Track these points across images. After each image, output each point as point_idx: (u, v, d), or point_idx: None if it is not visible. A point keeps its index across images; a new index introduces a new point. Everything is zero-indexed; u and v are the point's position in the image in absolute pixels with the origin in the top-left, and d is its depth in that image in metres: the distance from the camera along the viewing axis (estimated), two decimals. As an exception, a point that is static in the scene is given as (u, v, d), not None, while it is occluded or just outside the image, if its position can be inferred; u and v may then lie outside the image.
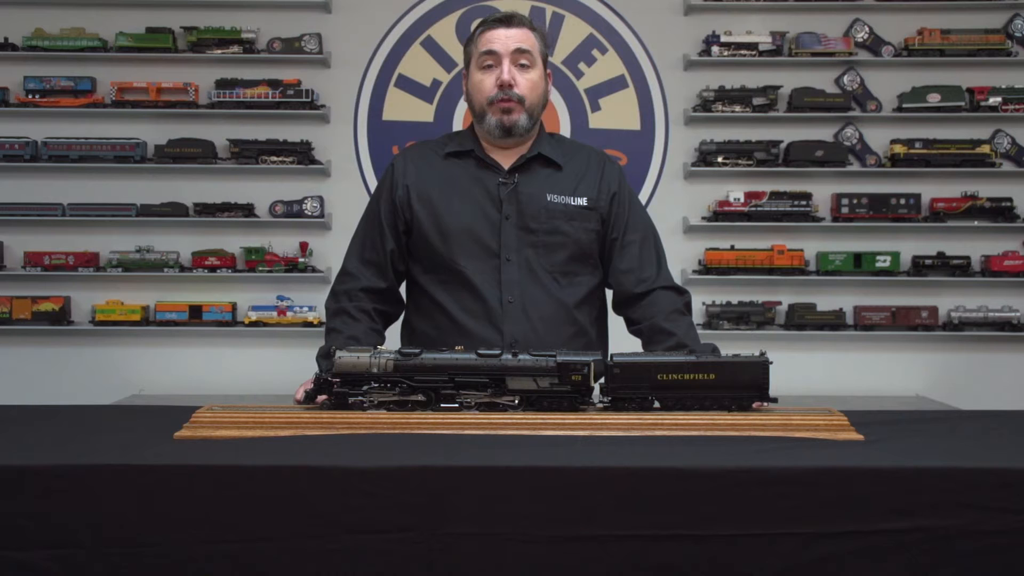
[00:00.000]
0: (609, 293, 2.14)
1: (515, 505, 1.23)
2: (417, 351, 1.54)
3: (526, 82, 1.98)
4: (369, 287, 2.04)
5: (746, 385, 1.55)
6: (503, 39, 1.97)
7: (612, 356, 1.55)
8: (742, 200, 4.29)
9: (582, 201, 2.02)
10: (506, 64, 1.96)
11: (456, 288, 1.99)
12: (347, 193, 4.37)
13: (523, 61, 1.98)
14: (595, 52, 4.41)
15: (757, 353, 1.58)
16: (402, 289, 2.14)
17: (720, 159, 4.30)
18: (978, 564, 1.23)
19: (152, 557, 1.23)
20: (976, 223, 4.31)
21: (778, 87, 4.33)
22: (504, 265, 1.96)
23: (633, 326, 2.06)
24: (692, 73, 4.40)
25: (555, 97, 4.37)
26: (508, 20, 2.00)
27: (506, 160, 2.04)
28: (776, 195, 4.28)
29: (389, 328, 2.11)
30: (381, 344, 2.00)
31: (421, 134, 4.36)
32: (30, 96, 4.28)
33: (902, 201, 4.30)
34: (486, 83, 1.98)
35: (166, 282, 4.32)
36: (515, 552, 1.23)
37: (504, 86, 1.96)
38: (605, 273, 2.10)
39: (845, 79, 4.35)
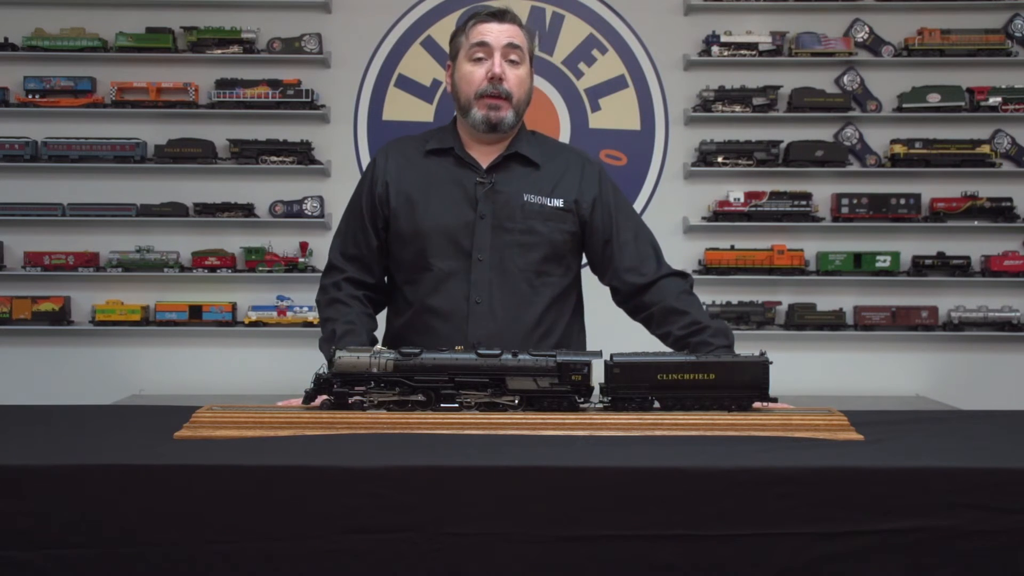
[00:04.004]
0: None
1: (515, 505, 1.23)
2: (417, 351, 1.54)
3: (515, 78, 1.99)
4: (354, 278, 2.06)
5: (746, 385, 1.55)
6: (496, 33, 1.98)
7: (612, 356, 1.55)
8: (742, 200, 4.29)
9: (558, 203, 2.01)
10: (497, 57, 1.97)
11: (425, 287, 1.99)
12: (347, 193, 4.27)
13: (513, 57, 1.99)
14: (595, 52, 4.41)
15: (757, 353, 1.58)
16: None
17: (720, 159, 4.31)
18: (978, 564, 1.23)
19: (152, 557, 1.22)
20: (976, 223, 4.31)
21: (778, 87, 4.33)
22: (475, 265, 1.96)
23: (641, 313, 2.05)
24: (692, 73, 4.40)
25: (555, 97, 4.38)
26: (501, 15, 2.01)
27: (485, 157, 2.04)
28: (776, 195, 4.28)
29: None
30: (375, 327, 2.03)
31: (421, 134, 4.36)
32: (30, 96, 4.28)
33: (902, 201, 4.30)
34: (476, 74, 1.98)
35: (166, 282, 4.32)
36: (515, 552, 1.23)
37: (495, 79, 1.96)
38: (601, 273, 2.10)
39: (845, 79, 4.35)
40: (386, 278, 2.13)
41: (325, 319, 2.02)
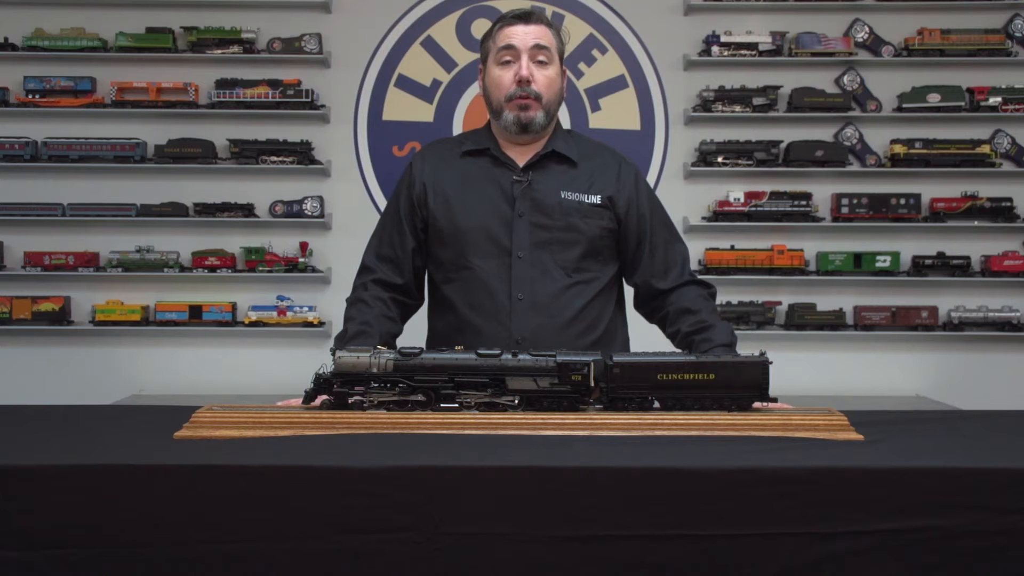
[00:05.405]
0: (629, 291, 2.16)
1: (515, 505, 1.23)
2: (417, 351, 1.54)
3: (544, 78, 2.01)
4: (384, 280, 2.06)
5: (746, 385, 1.55)
6: (522, 35, 2.00)
7: (612, 356, 1.55)
8: (742, 200, 4.29)
9: (596, 199, 2.03)
10: (524, 59, 1.99)
11: (467, 285, 2.01)
12: (347, 193, 4.37)
13: (541, 57, 2.00)
14: (595, 52, 4.41)
15: (757, 353, 1.58)
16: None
17: (720, 159, 4.30)
18: (978, 564, 1.23)
19: (152, 557, 1.22)
20: (976, 223, 4.31)
21: (778, 87, 4.33)
22: (515, 262, 1.98)
23: (658, 314, 2.08)
24: (692, 73, 4.40)
25: (555, 97, 4.37)
26: (527, 17, 2.02)
27: (521, 157, 2.06)
28: (776, 195, 4.28)
29: (409, 325, 2.13)
30: (395, 330, 2.03)
31: (421, 134, 4.36)
32: (30, 96, 4.27)
33: (902, 201, 4.30)
34: (504, 78, 2.00)
35: (166, 282, 4.32)
36: (515, 552, 1.23)
37: (522, 81, 1.98)
38: (628, 274, 2.12)
39: (845, 79, 4.35)
40: (424, 282, 2.14)
41: (346, 318, 2.03)
